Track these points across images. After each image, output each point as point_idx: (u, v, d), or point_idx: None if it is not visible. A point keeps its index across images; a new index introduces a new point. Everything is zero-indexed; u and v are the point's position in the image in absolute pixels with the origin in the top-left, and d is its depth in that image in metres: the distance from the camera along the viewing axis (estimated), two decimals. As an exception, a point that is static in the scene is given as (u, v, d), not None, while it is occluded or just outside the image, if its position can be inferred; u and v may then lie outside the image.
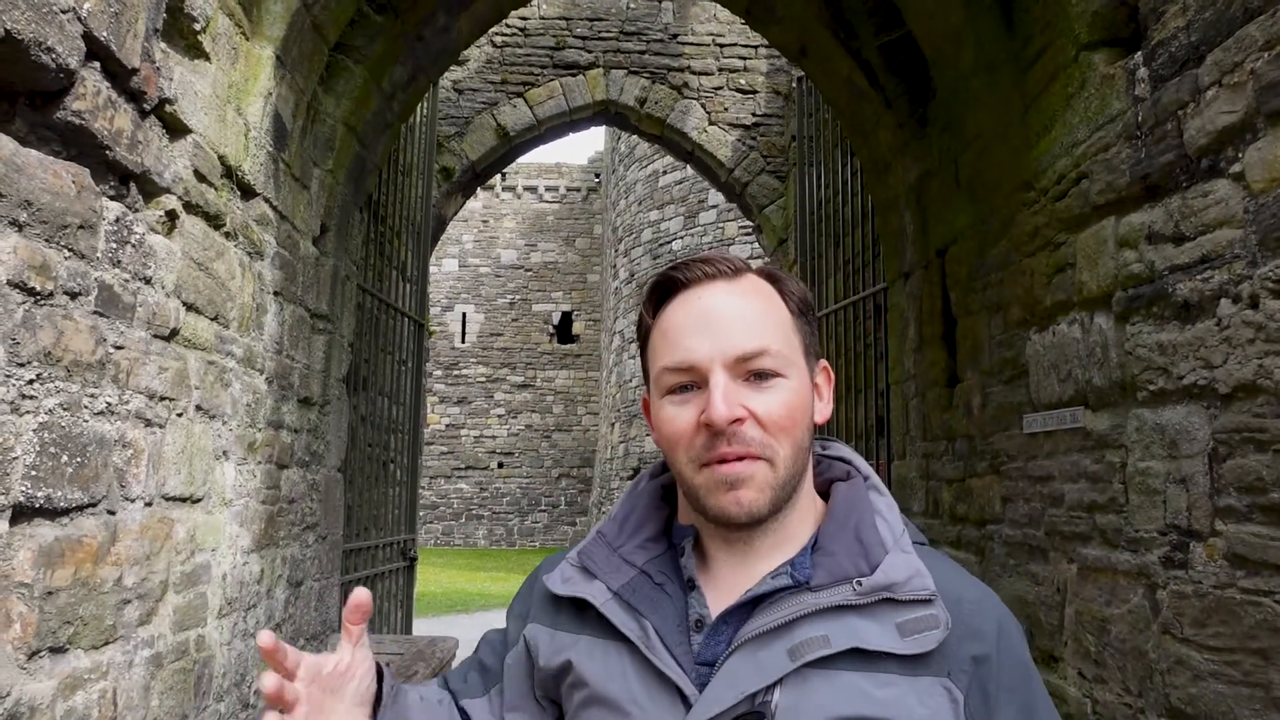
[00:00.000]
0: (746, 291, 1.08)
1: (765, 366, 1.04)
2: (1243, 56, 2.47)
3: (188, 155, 3.19)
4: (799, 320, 1.11)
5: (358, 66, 4.85)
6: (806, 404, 1.07)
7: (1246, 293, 2.46)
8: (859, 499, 1.10)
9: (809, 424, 1.07)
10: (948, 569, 1.05)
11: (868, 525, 1.06)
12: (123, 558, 2.77)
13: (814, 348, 1.13)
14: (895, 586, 1.00)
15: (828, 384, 1.14)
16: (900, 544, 1.04)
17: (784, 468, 1.03)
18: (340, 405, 5.26)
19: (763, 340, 1.05)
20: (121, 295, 2.73)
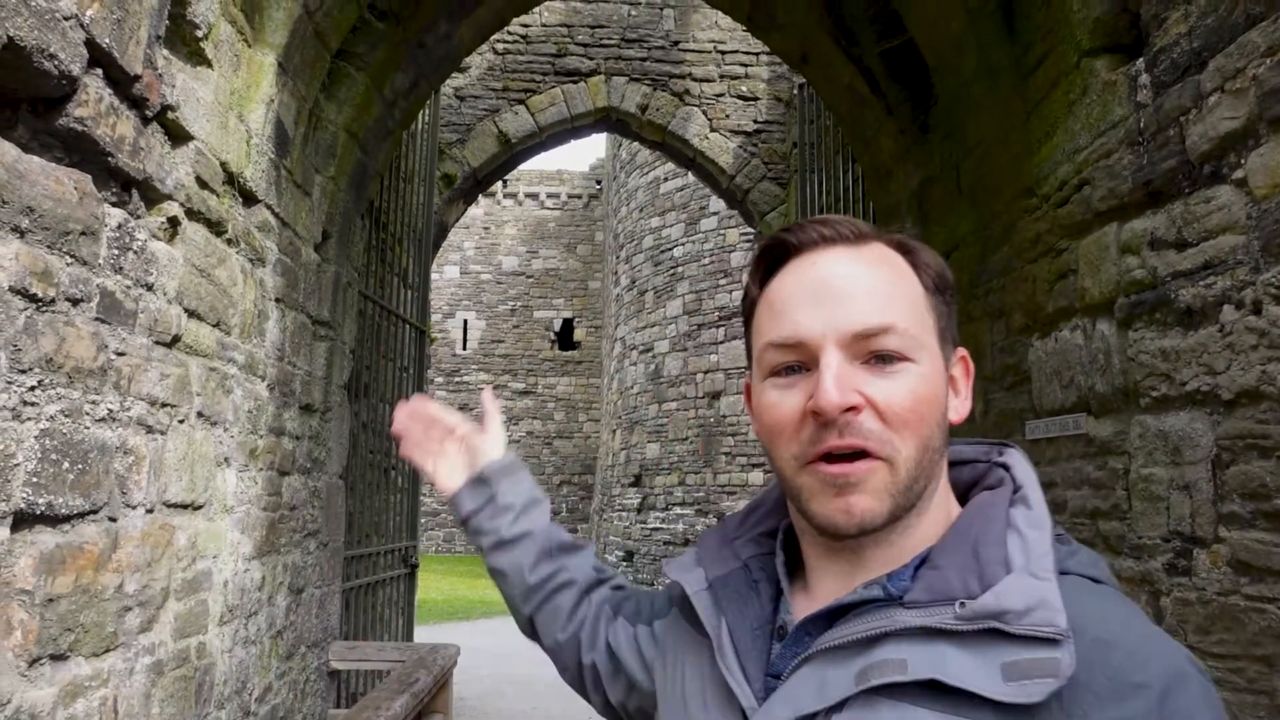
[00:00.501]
0: (872, 259, 0.92)
1: (890, 347, 0.87)
2: (1245, 62, 2.47)
3: (190, 162, 3.19)
4: (934, 298, 0.94)
5: (359, 73, 4.85)
6: (938, 396, 0.90)
7: (1249, 299, 2.45)
8: (992, 509, 0.89)
9: (940, 421, 0.90)
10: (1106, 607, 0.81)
11: (992, 540, 0.86)
12: (124, 565, 2.77)
13: (951, 332, 0.95)
14: (1007, 615, 0.79)
15: (966, 377, 0.97)
16: (1033, 567, 0.82)
17: (906, 471, 0.87)
18: (342, 412, 5.25)
19: (888, 315, 0.88)
20: (123, 302, 2.73)
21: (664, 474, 20.14)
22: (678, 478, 19.73)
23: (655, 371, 20.90)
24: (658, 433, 20.52)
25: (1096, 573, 0.86)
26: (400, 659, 4.97)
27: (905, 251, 0.95)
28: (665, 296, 20.87)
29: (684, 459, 19.64)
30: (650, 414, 20.87)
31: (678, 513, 19.48)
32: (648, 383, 21.14)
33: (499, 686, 9.37)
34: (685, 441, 19.67)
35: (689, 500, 19.25)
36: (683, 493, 19.46)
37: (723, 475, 18.71)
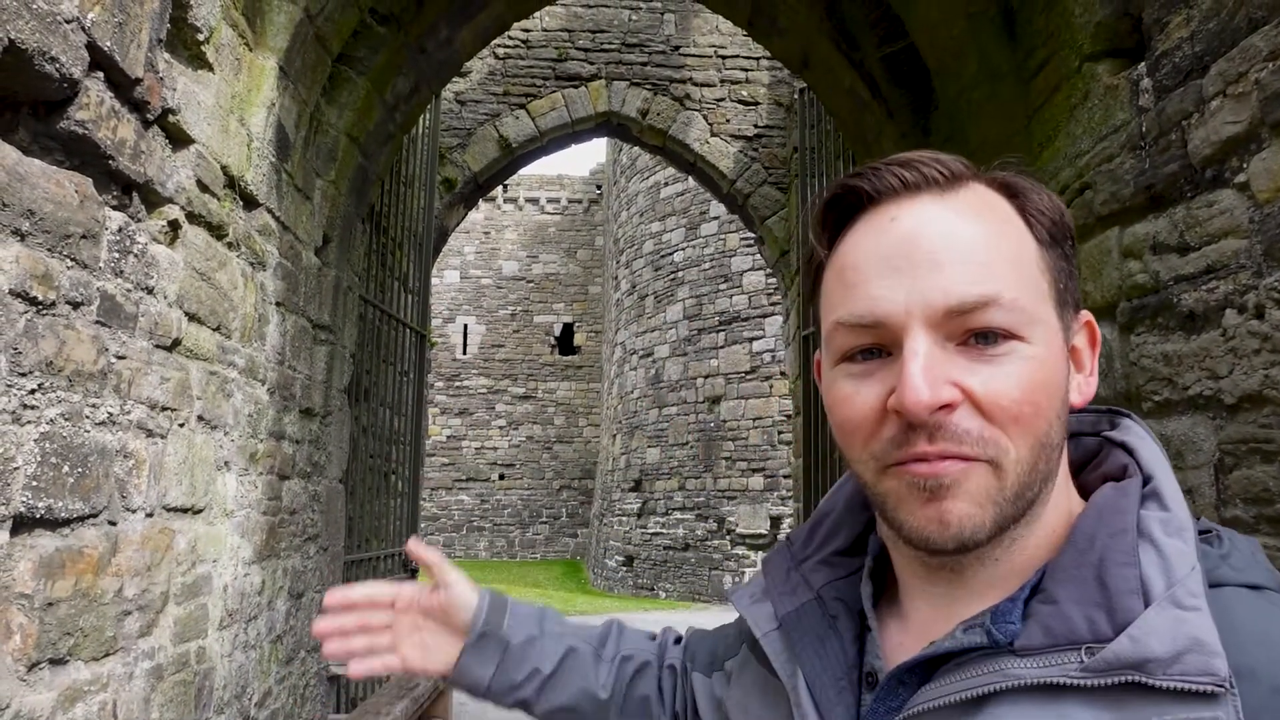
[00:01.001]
0: (968, 210, 0.73)
1: (994, 324, 0.70)
2: (1247, 67, 2.46)
3: (191, 165, 3.19)
4: (1051, 252, 0.75)
5: (360, 78, 4.85)
6: (1057, 380, 0.72)
7: (1252, 303, 2.45)
8: (1118, 514, 0.70)
9: (1060, 410, 0.72)
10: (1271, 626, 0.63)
11: (1121, 558, 0.67)
12: (123, 569, 2.76)
13: (1073, 294, 0.76)
14: (1150, 665, 0.62)
15: (1091, 347, 0.78)
16: (1178, 593, 0.63)
17: (1017, 475, 0.70)
18: (342, 416, 5.25)
19: (990, 284, 0.70)
20: (124, 305, 2.73)
21: (664, 479, 20.14)
22: (678, 483, 19.73)
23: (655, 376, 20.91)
24: (658, 437, 20.53)
25: (1257, 576, 0.67)
26: (400, 664, 4.97)
27: (1011, 195, 0.76)
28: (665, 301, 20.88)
29: (684, 464, 19.64)
30: (650, 419, 20.88)
31: (678, 517, 19.47)
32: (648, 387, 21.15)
33: (499, 691, 9.34)
34: (685, 446, 19.66)
35: (689, 505, 19.24)
36: (683, 498, 19.45)
37: (723, 480, 18.71)
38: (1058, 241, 0.75)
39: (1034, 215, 0.75)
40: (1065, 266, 0.75)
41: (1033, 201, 0.76)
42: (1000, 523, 0.70)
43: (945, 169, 0.75)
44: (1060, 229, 0.76)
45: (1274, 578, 0.68)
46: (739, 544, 18.13)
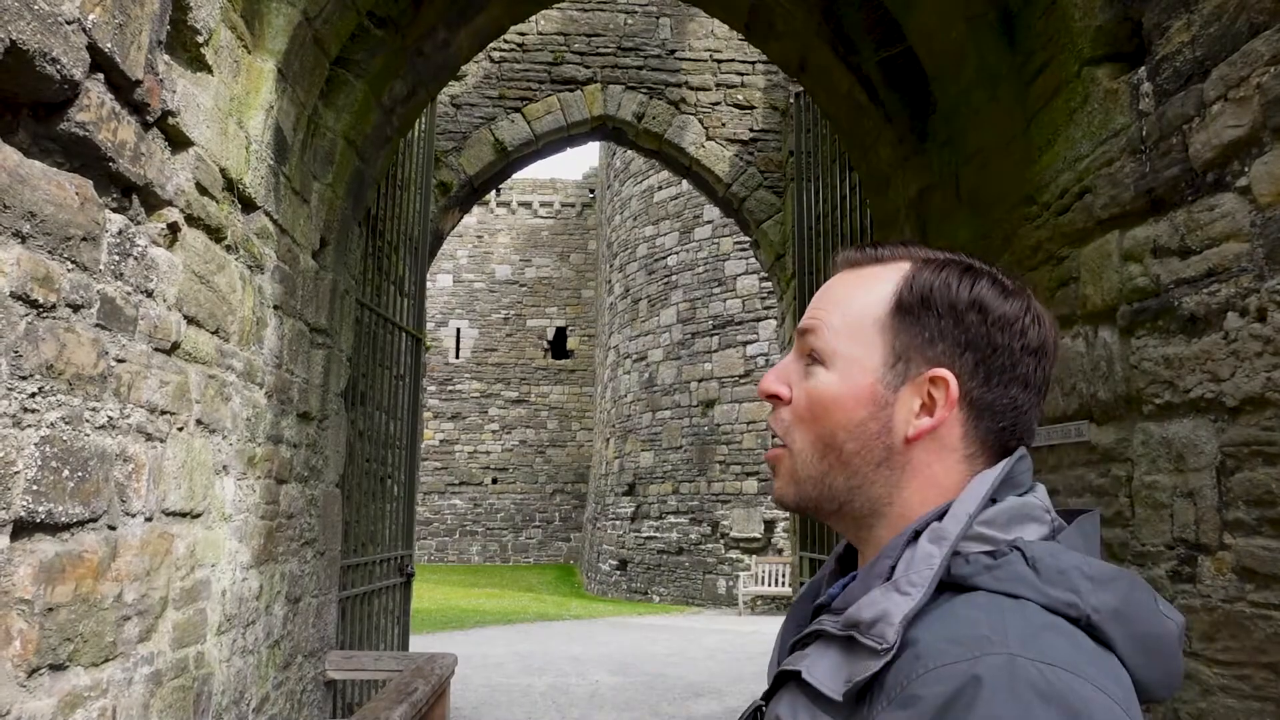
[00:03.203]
0: (853, 279, 0.99)
1: (810, 347, 0.96)
2: (1248, 71, 2.47)
3: (190, 168, 3.18)
4: (900, 318, 0.94)
5: (358, 81, 4.84)
6: (846, 403, 0.93)
7: (1254, 306, 2.46)
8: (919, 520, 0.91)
9: (853, 428, 0.93)
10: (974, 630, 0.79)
11: (889, 552, 0.90)
12: (123, 573, 2.74)
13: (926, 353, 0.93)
14: (860, 625, 0.83)
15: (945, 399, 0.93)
16: (899, 581, 0.84)
17: (802, 461, 0.95)
18: (339, 420, 5.23)
19: (815, 320, 0.97)
20: (123, 308, 2.71)
21: (658, 482, 20.12)
22: (671, 486, 19.72)
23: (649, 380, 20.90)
24: (651, 441, 20.51)
25: (1019, 589, 0.82)
26: (397, 669, 4.94)
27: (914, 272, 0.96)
28: (659, 305, 20.88)
29: (678, 468, 19.62)
30: (644, 422, 20.86)
31: (671, 521, 19.46)
32: (641, 391, 21.14)
33: (494, 696, 9.33)
34: (679, 450, 19.65)
35: (683, 509, 19.23)
36: (676, 501, 19.44)
37: (717, 484, 18.70)
38: (912, 311, 0.94)
39: (903, 288, 0.95)
40: (917, 331, 0.93)
41: (916, 277, 0.95)
42: (801, 498, 0.96)
43: (869, 255, 0.99)
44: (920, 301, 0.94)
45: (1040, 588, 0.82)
46: (733, 548, 18.13)
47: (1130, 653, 0.82)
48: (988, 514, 0.88)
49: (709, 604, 18.18)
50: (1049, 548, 0.85)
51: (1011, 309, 0.93)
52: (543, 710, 8.77)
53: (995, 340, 0.92)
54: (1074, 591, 0.81)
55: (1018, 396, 0.93)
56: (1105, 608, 0.81)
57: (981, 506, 0.88)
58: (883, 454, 0.93)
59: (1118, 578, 0.84)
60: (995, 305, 0.93)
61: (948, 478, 0.93)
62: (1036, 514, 0.90)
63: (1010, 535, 0.87)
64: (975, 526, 0.86)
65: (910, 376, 0.93)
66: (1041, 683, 0.73)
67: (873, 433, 0.93)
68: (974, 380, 0.92)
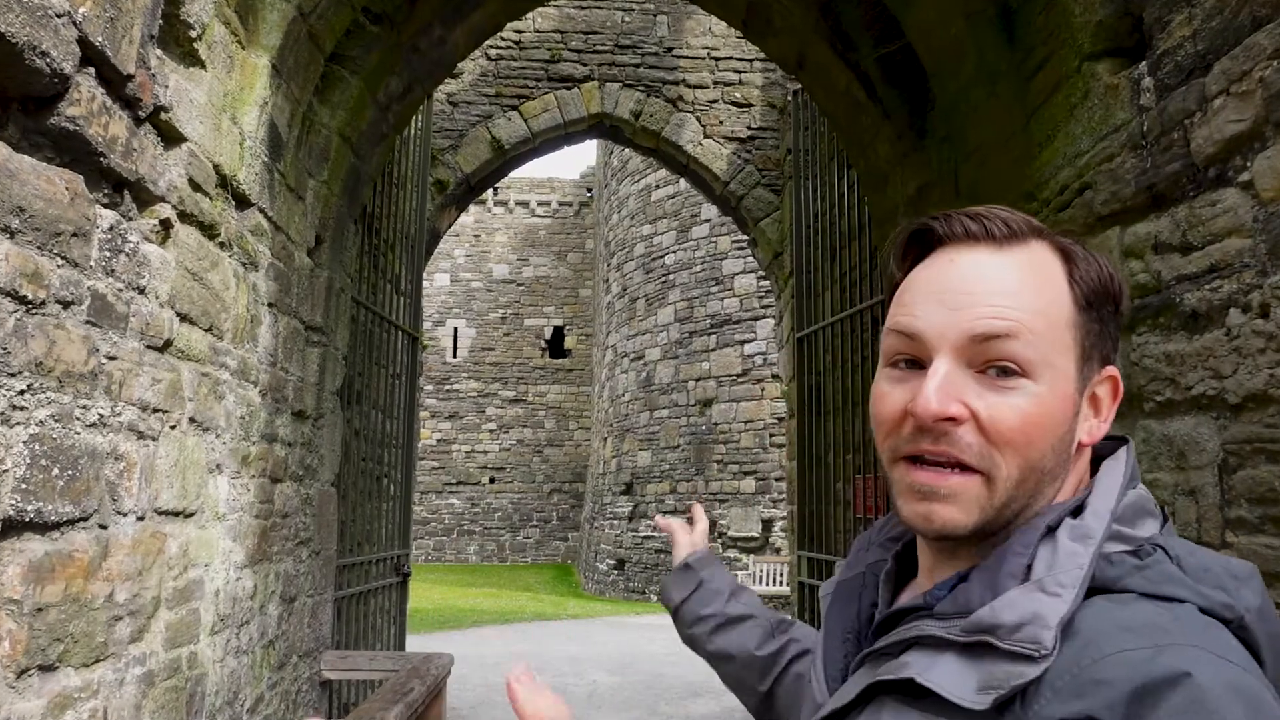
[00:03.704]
0: (1015, 263, 0.86)
1: (1009, 357, 0.82)
2: (1251, 65, 2.45)
3: (183, 164, 3.15)
4: (1083, 314, 0.86)
5: (353, 77, 4.82)
6: (1055, 419, 0.83)
7: (1256, 302, 2.43)
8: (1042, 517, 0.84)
9: (1056, 444, 0.84)
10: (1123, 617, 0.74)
11: (1018, 549, 0.82)
12: (114, 573, 2.72)
13: (1102, 351, 0.87)
14: (998, 630, 0.76)
15: (1112, 398, 0.89)
16: (1045, 581, 0.77)
17: (1005, 490, 0.83)
18: (334, 419, 5.20)
19: (1012, 324, 0.82)
20: (115, 305, 2.69)
21: (655, 482, 20.11)
22: (669, 486, 19.70)
23: (646, 379, 20.87)
24: (649, 441, 20.49)
25: (1174, 589, 0.76)
26: (393, 668, 4.91)
27: (1066, 259, 0.87)
28: (656, 304, 20.86)
29: (675, 467, 19.60)
30: (641, 422, 20.85)
31: (669, 521, 19.41)
32: (639, 390, 21.12)
33: (491, 696, 9.30)
34: (676, 449, 19.64)
35: (680, 508, 19.20)
36: (674, 501, 19.42)
37: (714, 483, 18.69)
38: (1093, 306, 0.87)
39: (1078, 280, 0.87)
40: (1097, 328, 0.87)
41: (1081, 268, 0.87)
42: (983, 526, 0.84)
43: (1008, 226, 0.87)
44: (1100, 295, 0.87)
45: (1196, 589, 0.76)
46: (731, 547, 18.11)
47: (1270, 653, 0.76)
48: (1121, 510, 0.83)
49: (707, 603, 18.13)
50: (1185, 545, 0.80)
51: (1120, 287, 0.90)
52: (540, 710, 8.73)
53: (1116, 329, 0.90)
54: (1225, 590, 0.76)
55: None
56: (1253, 606, 0.77)
57: (1119, 501, 0.83)
58: (1064, 465, 0.86)
59: (1254, 574, 0.79)
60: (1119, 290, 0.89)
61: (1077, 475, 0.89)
62: (1151, 507, 0.85)
63: (1143, 532, 0.82)
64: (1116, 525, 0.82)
65: (1091, 378, 0.87)
66: (1236, 681, 0.68)
67: (1065, 446, 0.85)
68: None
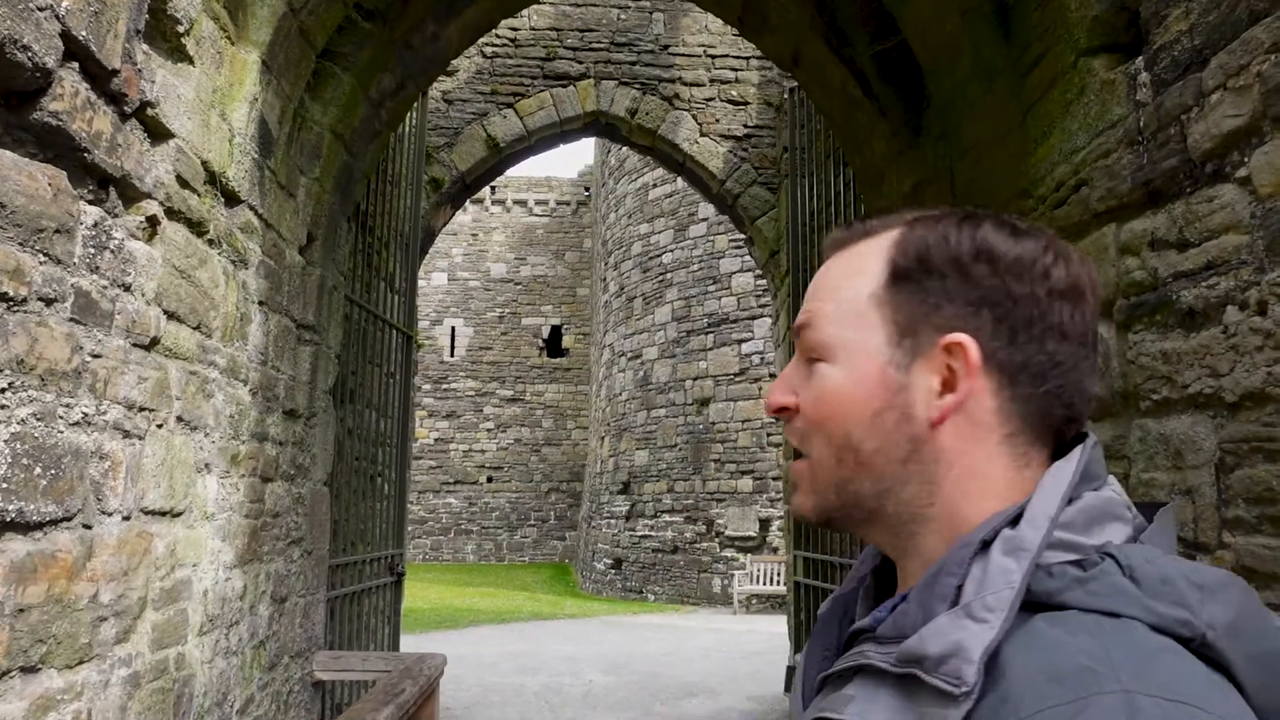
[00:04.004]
0: (841, 261, 0.87)
1: (809, 345, 0.84)
2: (1248, 59, 2.42)
3: (170, 160, 3.12)
4: (895, 287, 0.82)
5: (345, 74, 4.78)
6: (859, 397, 0.81)
7: (1254, 299, 2.40)
8: (978, 530, 0.76)
9: (871, 422, 0.81)
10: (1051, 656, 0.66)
11: (952, 568, 0.74)
12: (99, 573, 2.68)
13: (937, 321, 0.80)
14: (925, 662, 0.69)
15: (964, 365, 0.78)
16: (973, 605, 0.70)
17: (823, 470, 0.82)
18: (327, 418, 5.17)
19: (809, 313, 0.85)
20: (99, 302, 2.66)
21: (652, 481, 20.07)
22: (666, 485, 19.67)
23: (644, 378, 20.84)
24: (646, 440, 20.46)
25: (1119, 605, 0.68)
26: (386, 669, 4.88)
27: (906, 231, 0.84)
28: (654, 303, 20.83)
29: (673, 466, 19.57)
30: (639, 421, 20.81)
31: (666, 520, 19.41)
32: (636, 389, 21.09)
33: (486, 696, 9.28)
34: (674, 449, 19.61)
35: (678, 508, 19.18)
36: (671, 500, 19.39)
37: (712, 482, 18.66)
38: (914, 276, 0.81)
39: (895, 255, 0.82)
40: (920, 297, 0.81)
41: (905, 240, 0.83)
42: (823, 508, 0.84)
43: (857, 230, 0.88)
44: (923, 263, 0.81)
45: (1147, 604, 0.68)
46: (728, 546, 18.08)
47: (1249, 675, 0.68)
48: (1065, 515, 0.74)
49: (704, 603, 18.13)
50: (1144, 552, 0.72)
51: (1028, 249, 0.79)
52: (535, 710, 8.72)
53: (1012, 289, 0.78)
54: (1184, 605, 0.68)
55: (1056, 351, 0.78)
56: (1219, 623, 0.68)
57: (1062, 506, 0.74)
58: (908, 447, 0.80)
59: (1229, 585, 0.70)
60: (1006, 249, 0.79)
61: (991, 466, 0.79)
62: (1119, 511, 0.76)
63: (1095, 539, 0.73)
64: (1059, 531, 0.73)
65: (921, 351, 0.80)
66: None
67: (891, 424, 0.80)
68: (997, 339, 0.78)
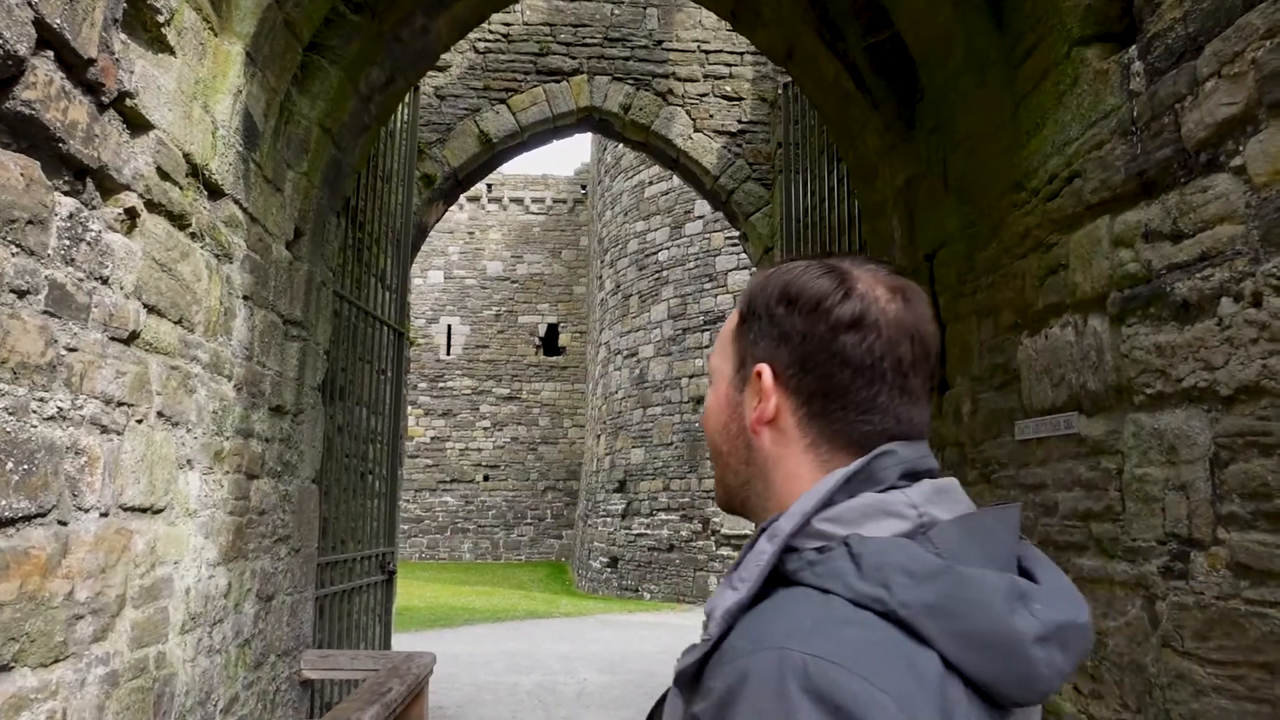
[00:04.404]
0: None
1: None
2: (1243, 46, 2.38)
3: (150, 152, 3.07)
4: (740, 328, 1.03)
5: (333, 67, 4.73)
6: (715, 412, 1.04)
7: (1249, 290, 2.36)
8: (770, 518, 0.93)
9: (724, 431, 1.02)
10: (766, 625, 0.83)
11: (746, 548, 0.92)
12: (75, 571, 2.64)
13: (755, 352, 1.00)
14: (706, 617, 0.89)
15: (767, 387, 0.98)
16: (735, 577, 0.89)
17: (715, 469, 1.05)
18: (315, 414, 5.12)
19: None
20: (75, 295, 2.61)
21: (648, 479, 20.02)
22: (662, 483, 19.61)
23: (640, 376, 20.79)
24: (642, 438, 20.41)
25: (830, 584, 0.83)
26: (374, 668, 4.83)
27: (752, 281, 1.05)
28: (650, 301, 20.78)
29: (669, 464, 19.52)
30: (635, 419, 20.76)
31: (662, 518, 19.36)
32: (632, 388, 21.03)
33: (480, 695, 9.23)
34: (670, 447, 19.56)
35: (674, 506, 19.13)
36: (667, 498, 19.34)
37: (708, 481, 18.60)
38: (747, 317, 1.01)
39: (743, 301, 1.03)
40: (751, 334, 1.00)
41: (749, 289, 1.03)
42: (726, 499, 1.04)
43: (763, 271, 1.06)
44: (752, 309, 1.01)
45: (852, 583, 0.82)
46: (724, 545, 18.04)
47: (954, 649, 0.79)
48: (835, 510, 0.88)
49: (700, 601, 18.08)
50: (882, 544, 0.85)
51: (820, 288, 0.94)
52: (529, 709, 8.67)
53: (801, 326, 0.95)
54: (884, 586, 0.81)
55: (843, 378, 0.93)
56: (918, 603, 0.80)
57: (820, 504, 0.88)
58: (745, 450, 1.00)
59: (941, 573, 0.82)
60: (802, 291, 0.95)
61: (800, 469, 0.96)
62: (896, 509, 0.88)
63: (854, 531, 0.86)
64: (818, 523, 0.88)
65: (748, 377, 1.00)
66: (805, 677, 0.74)
67: (734, 432, 1.01)
68: (791, 368, 0.95)
